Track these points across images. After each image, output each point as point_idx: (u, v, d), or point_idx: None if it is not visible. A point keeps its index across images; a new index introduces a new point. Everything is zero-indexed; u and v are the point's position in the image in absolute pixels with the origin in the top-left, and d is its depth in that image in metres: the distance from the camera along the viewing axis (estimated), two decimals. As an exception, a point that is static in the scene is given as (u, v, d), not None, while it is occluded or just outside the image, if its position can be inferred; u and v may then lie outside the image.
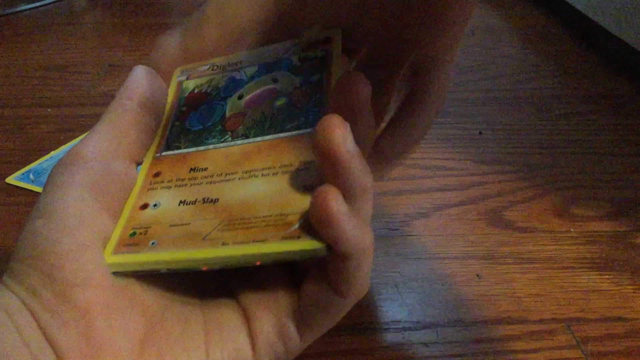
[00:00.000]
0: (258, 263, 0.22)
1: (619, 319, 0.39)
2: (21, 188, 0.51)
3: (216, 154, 0.25)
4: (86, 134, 0.25)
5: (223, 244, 0.22)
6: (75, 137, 0.59)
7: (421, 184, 0.52)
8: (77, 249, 0.21)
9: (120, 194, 0.24)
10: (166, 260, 0.22)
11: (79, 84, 0.72)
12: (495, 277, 0.42)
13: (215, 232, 0.22)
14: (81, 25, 0.93)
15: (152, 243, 0.23)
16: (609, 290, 0.41)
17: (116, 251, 0.22)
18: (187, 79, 0.29)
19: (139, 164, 0.26)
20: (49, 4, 0.99)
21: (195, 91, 0.28)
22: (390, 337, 0.37)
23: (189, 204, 0.23)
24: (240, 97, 0.27)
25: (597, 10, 0.80)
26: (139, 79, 0.27)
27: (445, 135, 0.60)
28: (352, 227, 0.20)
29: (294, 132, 0.24)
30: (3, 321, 0.20)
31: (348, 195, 0.21)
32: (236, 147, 0.25)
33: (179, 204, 0.24)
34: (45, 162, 0.55)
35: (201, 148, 0.26)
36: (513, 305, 0.40)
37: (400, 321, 0.38)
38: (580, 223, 0.48)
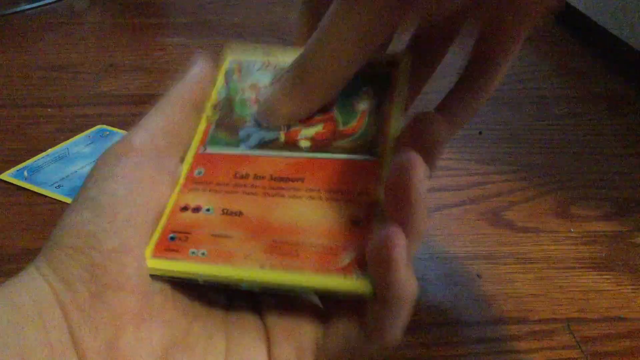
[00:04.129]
0: (299, 292, 0.21)
1: (619, 319, 0.39)
2: (19, 187, 0.51)
3: (264, 162, 0.24)
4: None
5: (264, 266, 0.21)
6: (75, 137, 0.59)
7: (421, 184, 0.52)
8: (121, 249, 0.21)
9: (167, 191, 0.23)
10: (205, 274, 0.22)
11: (79, 84, 0.72)
12: (495, 277, 0.42)
13: (258, 252, 0.22)
14: (81, 25, 0.93)
15: (192, 252, 0.22)
16: (609, 290, 0.41)
17: (156, 254, 0.22)
18: (238, 74, 0.27)
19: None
20: (49, 4, 0.99)
21: (244, 86, 0.27)
22: (390, 337, 0.37)
23: (232, 214, 0.23)
24: None
25: (597, 10, 0.80)
26: (198, 77, 0.26)
27: (445, 135, 0.60)
28: (408, 275, 0.19)
29: (346, 155, 0.24)
30: (30, 315, 0.20)
31: (408, 239, 0.20)
32: (286, 158, 0.24)
33: (222, 213, 0.23)
34: (40, 159, 0.55)
35: (248, 152, 0.25)
36: (513, 305, 0.39)
37: (400, 321, 0.38)
38: (580, 223, 0.48)
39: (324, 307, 0.24)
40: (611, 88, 0.71)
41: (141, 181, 0.22)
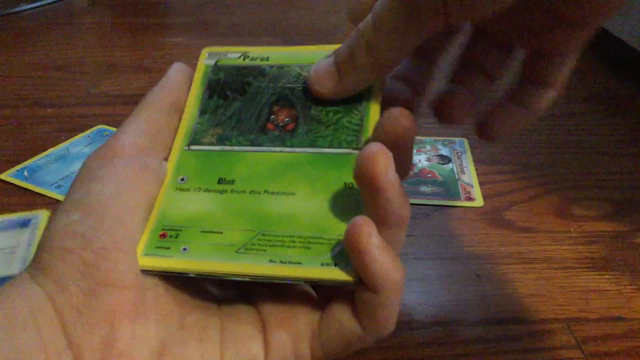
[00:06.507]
0: (289, 282, 0.22)
1: (619, 319, 0.39)
2: (19, 187, 0.51)
3: (249, 159, 0.24)
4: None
5: (256, 259, 0.22)
6: (75, 137, 0.59)
7: (421, 184, 0.52)
8: (112, 247, 0.21)
9: (154, 190, 0.24)
10: (197, 269, 0.22)
11: (79, 84, 0.72)
12: (495, 277, 0.42)
13: (249, 244, 0.22)
14: (81, 25, 0.93)
15: (184, 249, 0.22)
16: (609, 290, 0.41)
17: (148, 252, 0.22)
18: (216, 66, 0.28)
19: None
20: (49, 4, 0.99)
21: (226, 80, 0.27)
22: (390, 337, 0.37)
23: (222, 211, 0.23)
24: (276, 101, 0.26)
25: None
26: (175, 80, 0.26)
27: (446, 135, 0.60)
28: (384, 261, 0.20)
29: (334, 150, 0.24)
30: (24, 318, 0.20)
31: (385, 224, 0.21)
32: (271, 154, 0.24)
33: (211, 210, 0.23)
34: (41, 159, 0.55)
35: (235, 148, 0.25)
36: (513, 305, 0.39)
37: (400, 321, 0.38)
38: (580, 223, 0.48)
39: (318, 296, 0.24)
40: (611, 88, 0.71)
41: (127, 181, 0.22)
